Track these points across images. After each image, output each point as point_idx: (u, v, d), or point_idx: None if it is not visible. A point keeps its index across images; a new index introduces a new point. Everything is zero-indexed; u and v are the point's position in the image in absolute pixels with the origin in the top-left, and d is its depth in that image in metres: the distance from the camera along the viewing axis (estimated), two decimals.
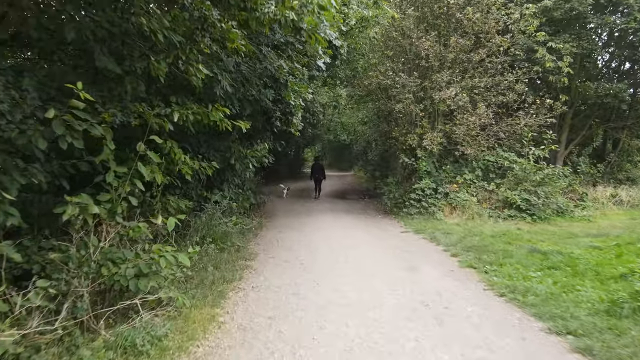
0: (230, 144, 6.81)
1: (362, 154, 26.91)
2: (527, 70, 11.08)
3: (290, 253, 6.87)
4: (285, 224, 9.93)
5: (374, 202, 13.78)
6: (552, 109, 10.87)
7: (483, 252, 6.54)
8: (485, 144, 10.85)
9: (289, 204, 13.57)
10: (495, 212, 9.90)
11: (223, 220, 6.97)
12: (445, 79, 10.45)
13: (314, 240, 7.92)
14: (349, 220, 10.42)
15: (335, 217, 10.83)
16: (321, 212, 11.86)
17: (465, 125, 10.52)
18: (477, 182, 10.62)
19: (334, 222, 10.10)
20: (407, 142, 11.43)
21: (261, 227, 9.49)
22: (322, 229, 9.08)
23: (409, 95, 10.90)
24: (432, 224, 9.18)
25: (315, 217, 10.80)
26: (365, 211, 12.03)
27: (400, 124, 12.13)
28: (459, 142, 10.82)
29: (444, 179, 10.86)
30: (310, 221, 10.21)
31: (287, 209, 12.54)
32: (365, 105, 16.43)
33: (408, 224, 9.48)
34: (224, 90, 4.72)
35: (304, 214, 11.41)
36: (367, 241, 7.78)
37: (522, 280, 5.10)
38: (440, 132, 10.99)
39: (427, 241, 7.67)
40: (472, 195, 10.29)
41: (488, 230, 8.34)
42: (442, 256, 6.56)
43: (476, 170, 10.77)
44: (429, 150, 10.79)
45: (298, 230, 9.08)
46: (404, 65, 11.50)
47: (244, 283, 5.20)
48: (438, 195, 10.51)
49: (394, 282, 5.20)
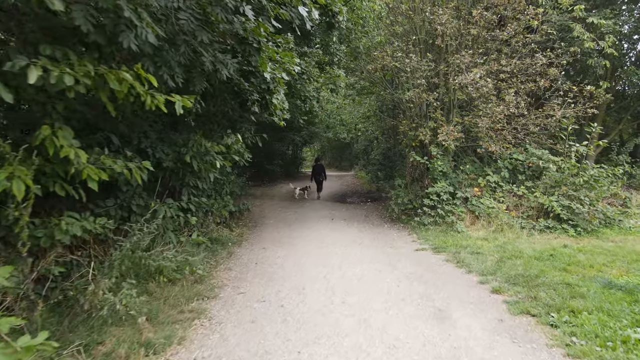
0: (190, 137, 4.90)
1: (363, 153, 25.00)
2: (562, 52, 9.14)
3: (269, 286, 4.95)
4: (272, 237, 8.01)
5: (378, 207, 11.85)
6: (593, 97, 8.91)
7: (536, 286, 4.61)
8: (512, 139, 8.90)
9: (282, 209, 11.65)
10: (528, 223, 7.96)
11: (171, 241, 5.04)
12: (465, 61, 8.51)
13: (304, 263, 6.00)
14: (350, 232, 8.49)
15: (334, 228, 8.90)
16: (318, 220, 9.93)
17: (488, 117, 8.57)
18: (504, 185, 8.68)
19: (331, 234, 8.18)
20: (417, 138, 9.51)
21: (241, 241, 7.57)
22: (317, 246, 7.16)
23: (420, 81, 8.96)
24: (453, 239, 7.24)
25: (309, 228, 8.88)
26: (368, 219, 10.10)
27: (409, 116, 10.20)
28: (481, 137, 8.88)
29: (463, 181, 8.92)
30: (303, 233, 8.29)
31: (279, 215, 10.62)
32: (368, 97, 14.47)
33: (423, 238, 7.54)
34: (143, 42, 2.83)
35: (297, 223, 9.49)
36: (374, 266, 5.85)
37: (624, 347, 3.17)
38: (458, 126, 9.04)
39: (452, 265, 5.73)
40: (498, 202, 8.35)
41: (527, 249, 6.40)
42: (479, 292, 4.63)
43: (502, 170, 8.83)
44: (445, 146, 8.85)
45: (287, 246, 7.15)
46: (414, 46, 9.56)
47: (182, 353, 3.27)
48: (456, 201, 8.58)
49: (418, 346, 3.28)
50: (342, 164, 32.34)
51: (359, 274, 5.38)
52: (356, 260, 6.09)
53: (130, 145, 4.56)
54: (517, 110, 8.48)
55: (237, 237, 7.76)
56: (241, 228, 8.65)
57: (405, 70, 9.09)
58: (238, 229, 8.47)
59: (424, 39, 9.63)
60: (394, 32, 9.34)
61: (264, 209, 11.40)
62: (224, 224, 8.45)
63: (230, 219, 8.85)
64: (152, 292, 4.29)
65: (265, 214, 10.71)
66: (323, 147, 33.49)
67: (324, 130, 24.08)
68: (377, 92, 12.59)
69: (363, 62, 9.92)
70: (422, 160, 9.07)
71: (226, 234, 7.84)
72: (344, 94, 15.13)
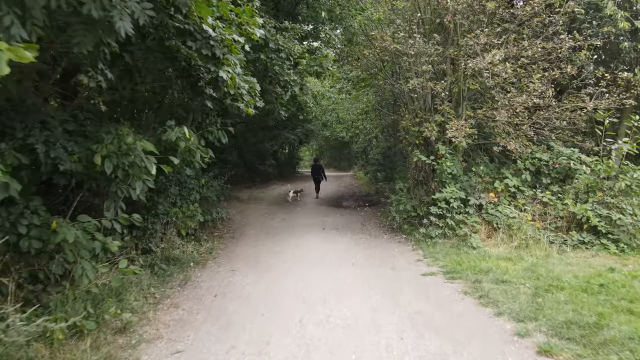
0: (111, 130, 3.42)
1: (362, 152, 23.49)
2: (592, 34, 7.64)
3: (221, 338, 3.47)
4: (247, 253, 6.53)
5: (377, 213, 10.35)
6: (630, 86, 7.40)
7: (602, 345, 3.11)
8: (533, 135, 7.39)
9: (269, 215, 10.17)
10: (558, 236, 6.46)
11: (86, 274, 3.54)
12: (480, 42, 7.00)
13: (278, 295, 4.52)
14: (342, 245, 6.99)
15: (324, 240, 7.41)
16: (307, 229, 8.44)
17: (507, 109, 7.07)
18: (526, 189, 7.17)
19: (320, 249, 6.69)
20: (422, 135, 8.02)
21: (207, 259, 6.09)
22: (299, 266, 5.67)
23: (426, 67, 7.47)
24: (467, 257, 5.75)
25: (295, 240, 7.39)
26: (365, 228, 8.60)
27: (412, 110, 8.72)
28: (498, 134, 7.39)
29: (476, 186, 7.43)
30: (286, 248, 6.80)
31: (263, 223, 9.13)
32: (365, 91, 12.97)
33: (430, 255, 6.05)
34: None
35: (282, 234, 8.00)
36: (369, 301, 4.37)
37: None
38: (470, 120, 7.53)
39: (473, 301, 4.22)
40: (520, 210, 6.85)
41: (565, 273, 4.90)
42: (521, 354, 3.12)
43: (523, 173, 7.32)
44: (454, 144, 7.36)
45: (262, 266, 5.68)
46: (418, 27, 8.05)
47: None
48: (469, 209, 7.08)
49: None
50: (341, 164, 30.84)
51: (348, 315, 3.88)
52: (346, 291, 4.60)
53: (13, 140, 3.09)
54: (542, 101, 6.97)
55: (203, 254, 6.28)
56: (213, 241, 7.17)
57: (408, 54, 7.58)
58: (209, 242, 7.00)
59: (430, 18, 8.13)
60: (395, 7, 7.80)
61: (247, 215, 9.92)
62: (193, 236, 6.99)
63: (201, 230, 7.38)
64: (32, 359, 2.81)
65: (248, 221, 9.22)
66: (321, 146, 32.00)
67: (321, 128, 22.57)
68: (376, 84, 11.09)
69: (359, 47, 8.40)
70: (427, 160, 7.57)
71: (191, 250, 6.37)
72: (338, 88, 13.61)
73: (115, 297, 3.98)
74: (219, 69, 3.60)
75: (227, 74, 3.65)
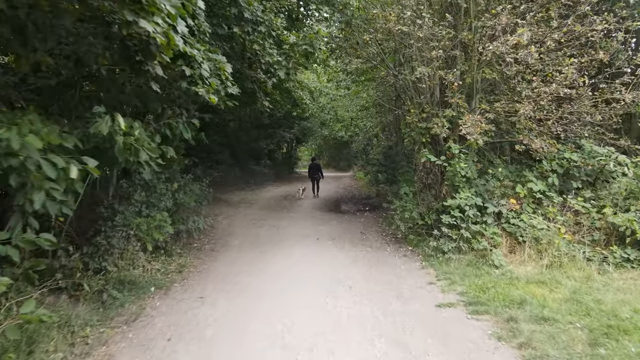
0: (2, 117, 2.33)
1: (362, 152, 22.39)
2: (627, 15, 6.53)
3: None
4: (224, 271, 5.43)
5: (378, 219, 9.25)
6: None
7: None
8: (560, 131, 6.27)
9: (258, 221, 9.06)
10: (595, 252, 5.33)
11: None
12: (502, 21, 5.88)
13: (252, 339, 3.41)
14: (338, 261, 5.88)
15: (318, 254, 6.31)
16: (299, 239, 7.34)
17: (532, 101, 5.96)
18: (553, 195, 6.06)
19: (310, 267, 5.59)
20: (430, 132, 6.93)
21: (174, 281, 4.98)
22: (282, 292, 4.56)
23: (436, 52, 6.35)
24: (491, 280, 4.63)
25: (283, 254, 6.29)
26: (366, 238, 7.48)
27: (418, 104, 7.61)
28: (520, 130, 6.29)
29: (494, 190, 6.32)
30: (271, 264, 5.70)
31: (249, 231, 8.02)
32: (366, 85, 11.85)
33: (444, 276, 4.94)
34: None
35: (269, 245, 6.90)
36: (372, 351, 3.26)
37: None
38: (488, 114, 6.42)
39: (511, 352, 3.10)
40: (549, 220, 5.74)
41: (619, 305, 3.79)
42: None
43: (550, 175, 6.21)
44: (469, 142, 6.25)
45: (237, 292, 4.57)
46: (427, 7, 6.94)
47: None
48: (486, 218, 5.96)
49: None
50: (340, 163, 29.73)
51: None
52: (341, 333, 3.49)
53: None
54: (574, 92, 5.85)
55: (171, 274, 5.18)
56: (188, 255, 6.06)
57: (415, 37, 6.47)
58: (182, 257, 5.90)
59: None
60: None
61: (233, 222, 8.81)
62: (163, 250, 5.88)
63: (175, 242, 6.27)
64: None
65: (233, 229, 8.11)
66: (320, 146, 30.91)
67: (319, 127, 21.45)
68: (377, 77, 9.97)
69: (358, 31, 7.27)
70: (438, 160, 6.45)
71: (158, 267, 5.27)
72: (336, 82, 12.47)
73: (25, 346, 2.89)
74: (139, 17, 2.44)
75: (154, 26, 2.50)
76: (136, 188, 5.77)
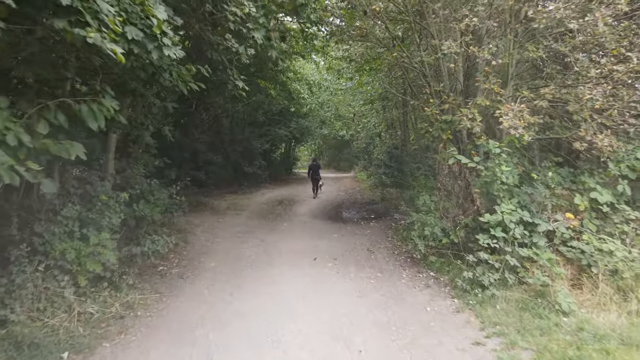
0: None
1: (363, 152, 20.84)
2: None
3: None
4: (184, 319, 3.88)
5: (387, 230, 7.71)
6: None
7: None
8: (630, 125, 4.72)
9: (244, 235, 7.51)
10: None
11: None
12: None
13: None
14: (343, 297, 4.34)
15: (315, 284, 4.76)
16: (291, 260, 5.80)
17: (602, 85, 4.42)
18: (628, 209, 4.50)
19: (306, 307, 4.05)
20: (455, 126, 5.42)
21: (104, 337, 3.43)
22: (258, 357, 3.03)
23: (470, 20, 4.81)
24: (567, 342, 3.09)
25: (270, 282, 4.75)
26: (374, 258, 5.94)
27: (436, 93, 6.09)
28: (577, 123, 4.76)
29: (543, 202, 4.77)
30: (250, 301, 4.17)
31: (232, 248, 6.47)
32: (371, 76, 10.29)
33: (494, 329, 3.40)
34: None
35: (252, 268, 5.37)
36: None
37: None
38: (539, 101, 4.88)
39: None
40: (627, 243, 4.19)
41: None
42: None
43: (620, 183, 4.65)
44: (511, 137, 4.72)
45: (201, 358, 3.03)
46: None
47: None
48: (536, 238, 4.41)
49: None
50: (341, 164, 28.20)
51: None
52: None
53: None
54: None
55: (107, 323, 3.63)
56: (141, 288, 4.51)
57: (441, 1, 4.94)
58: (132, 293, 4.34)
59: None
60: None
61: (216, 235, 7.26)
62: (108, 282, 4.33)
63: (129, 268, 4.72)
64: None
65: (212, 246, 6.56)
66: (319, 146, 29.36)
67: (319, 125, 19.89)
68: (385, 64, 8.41)
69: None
70: (471, 163, 4.89)
71: (90, 312, 3.73)
72: (337, 71, 10.91)
73: None
74: None
75: None
76: (68, 198, 4.23)
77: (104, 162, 5.49)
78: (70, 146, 2.45)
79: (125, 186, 5.20)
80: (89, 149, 5.06)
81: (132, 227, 5.43)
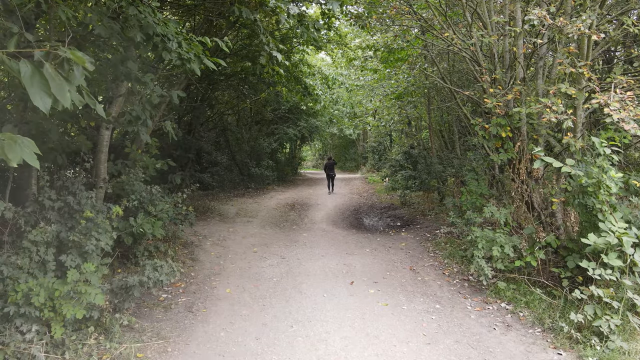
0: None
1: (373, 151, 19.73)
2: None
3: None
4: None
5: (423, 241, 6.60)
6: None
7: None
8: None
9: (261, 249, 6.39)
10: None
11: None
12: None
13: None
14: (403, 347, 3.22)
15: (364, 322, 3.64)
16: (323, 284, 4.68)
17: None
18: None
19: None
20: (538, 119, 4.36)
21: None
22: None
23: None
24: None
25: (308, 327, 3.63)
26: (422, 278, 4.82)
27: (493, 81, 4.99)
28: None
29: None
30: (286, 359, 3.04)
31: (246, 270, 5.34)
32: (395, 69, 9.15)
33: None
34: None
35: (277, 300, 4.24)
36: None
37: None
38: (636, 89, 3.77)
39: None
40: None
41: None
42: None
43: None
44: (613, 134, 3.60)
45: None
46: None
47: None
48: None
49: None
50: (347, 164, 27.07)
51: None
52: None
53: None
54: None
55: None
56: (140, 333, 3.37)
57: None
58: (129, 334, 3.20)
59: None
60: None
61: (227, 248, 6.12)
62: (97, 324, 3.18)
63: (122, 304, 3.57)
64: None
65: (225, 264, 5.42)
66: (325, 144, 28.23)
67: (327, 124, 18.74)
68: (432, 42, 7.22)
69: None
70: (566, 167, 3.74)
71: None
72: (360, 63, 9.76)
73: None
74: None
75: None
76: (44, 215, 3.09)
77: (94, 165, 4.36)
78: (10, 144, 1.32)
79: (121, 194, 4.06)
80: (74, 148, 3.89)
81: (129, 245, 4.30)
